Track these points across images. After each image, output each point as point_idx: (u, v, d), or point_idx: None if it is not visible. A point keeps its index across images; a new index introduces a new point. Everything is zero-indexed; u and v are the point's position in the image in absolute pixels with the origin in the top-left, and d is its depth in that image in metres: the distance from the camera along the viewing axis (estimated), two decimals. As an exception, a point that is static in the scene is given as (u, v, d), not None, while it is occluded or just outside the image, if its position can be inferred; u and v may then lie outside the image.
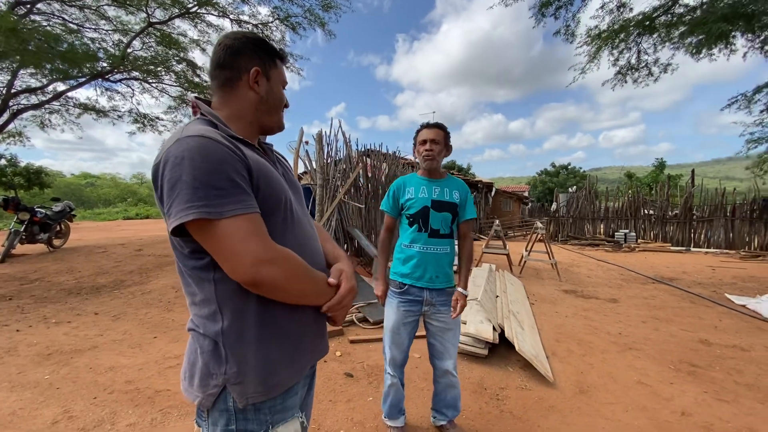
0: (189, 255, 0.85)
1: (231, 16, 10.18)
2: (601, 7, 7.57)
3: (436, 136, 1.99)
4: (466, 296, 1.97)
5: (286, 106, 1.07)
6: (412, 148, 2.17)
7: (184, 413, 2.40)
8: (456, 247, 2.13)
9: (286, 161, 1.22)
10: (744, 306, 5.11)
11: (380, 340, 3.62)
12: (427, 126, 2.04)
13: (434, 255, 2.00)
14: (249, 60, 0.95)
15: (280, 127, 1.07)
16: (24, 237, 7.49)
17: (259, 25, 10.45)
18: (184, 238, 0.82)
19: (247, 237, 0.77)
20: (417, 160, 2.14)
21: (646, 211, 13.70)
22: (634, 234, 13.03)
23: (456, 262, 2.10)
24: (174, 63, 9.98)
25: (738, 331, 4.12)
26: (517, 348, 3.03)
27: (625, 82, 8.44)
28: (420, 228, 2.01)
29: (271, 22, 10.53)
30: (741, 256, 10.51)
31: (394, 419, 2.21)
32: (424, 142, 2.01)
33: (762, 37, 6.98)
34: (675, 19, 7.28)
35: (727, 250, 11.61)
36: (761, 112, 8.35)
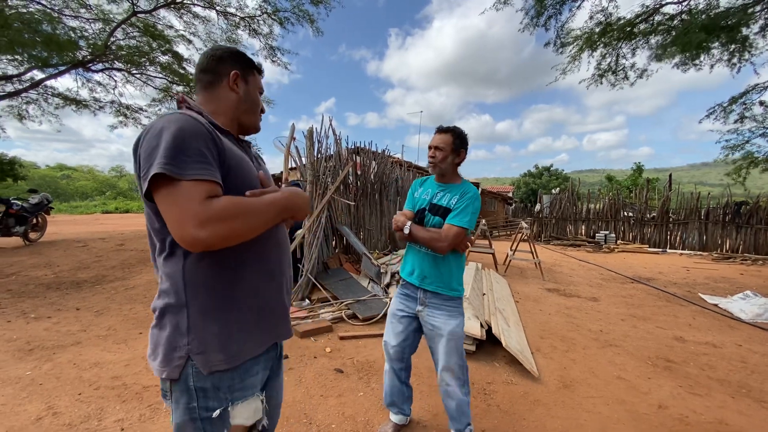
0: (160, 229, 0.91)
1: (218, 8, 10.01)
2: (590, 18, 7.76)
3: (441, 143, 1.98)
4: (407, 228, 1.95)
5: (262, 111, 1.19)
6: None
7: (174, 409, 2.38)
8: (465, 259, 2.10)
9: (263, 161, 1.30)
10: (716, 305, 5.34)
11: (370, 336, 3.67)
12: (438, 130, 2.03)
13: (426, 255, 2.00)
14: (230, 66, 1.08)
15: (256, 128, 1.19)
16: (-1, 229, 7.23)
17: (246, 18, 10.30)
18: (157, 213, 0.88)
19: (195, 200, 0.79)
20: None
21: (625, 214, 14.11)
22: (613, 235, 13.40)
23: (465, 281, 2.08)
24: (159, 54, 9.75)
25: (710, 329, 4.31)
26: (503, 344, 3.11)
27: (601, 83, 8.68)
28: None
29: (259, 15, 10.39)
30: (713, 258, 10.95)
31: (390, 409, 2.25)
32: (431, 147, 2.02)
33: (731, 50, 7.27)
34: (654, 27, 7.54)
35: (700, 252, 12.06)
36: (735, 121, 8.70)
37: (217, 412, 0.92)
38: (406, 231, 1.94)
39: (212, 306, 0.92)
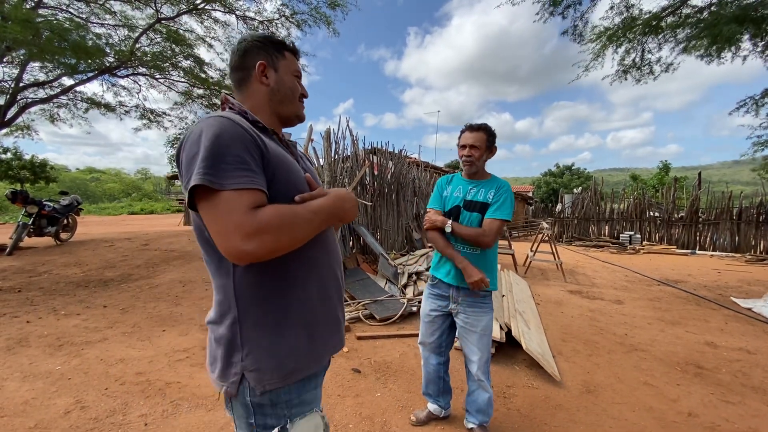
0: (209, 239, 0.87)
1: (237, 12, 10.20)
2: (611, 8, 7.52)
3: (476, 141, 1.97)
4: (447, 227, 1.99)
5: (304, 96, 1.10)
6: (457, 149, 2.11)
7: (195, 405, 2.43)
8: (496, 253, 2.12)
9: (310, 160, 1.25)
10: (750, 309, 5.08)
11: (387, 337, 3.66)
12: (469, 128, 2.01)
13: (464, 253, 1.99)
14: (255, 56, 1.01)
15: (299, 117, 1.11)
16: (32, 230, 7.55)
17: (265, 22, 10.45)
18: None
19: (238, 211, 0.75)
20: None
21: (651, 214, 13.64)
22: (639, 236, 12.98)
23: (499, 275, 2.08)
24: (181, 59, 10.01)
25: (744, 334, 4.11)
26: (524, 347, 3.04)
27: (625, 79, 8.42)
28: None
29: (277, 19, 10.53)
30: (746, 259, 10.46)
31: (428, 398, 2.32)
32: (464, 146, 1.99)
33: (765, 42, 6.90)
34: (682, 20, 7.24)
35: (732, 254, 11.55)
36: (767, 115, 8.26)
37: (276, 430, 0.89)
38: (448, 230, 1.96)
39: (265, 320, 0.89)
